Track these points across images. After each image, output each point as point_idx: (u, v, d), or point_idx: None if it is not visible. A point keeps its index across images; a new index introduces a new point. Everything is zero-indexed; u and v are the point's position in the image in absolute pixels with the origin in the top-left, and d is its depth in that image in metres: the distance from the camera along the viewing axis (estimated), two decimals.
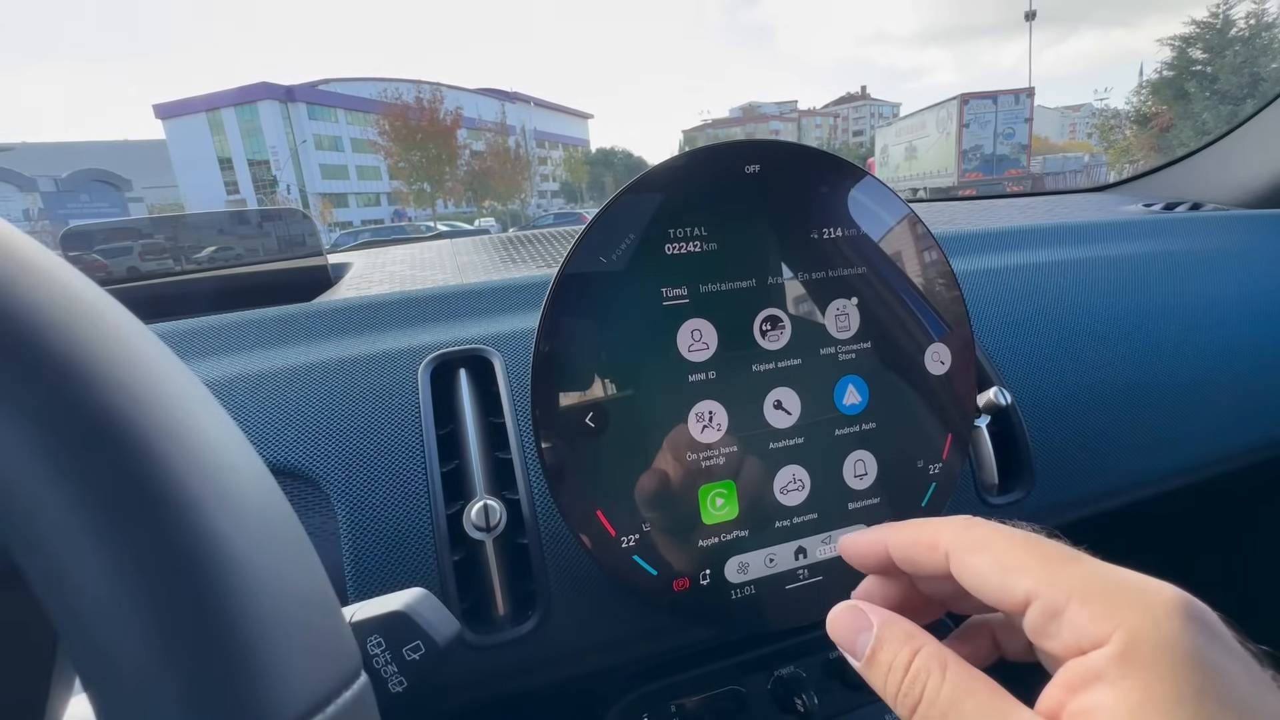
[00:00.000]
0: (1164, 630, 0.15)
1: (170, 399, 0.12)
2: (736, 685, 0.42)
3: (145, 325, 0.14)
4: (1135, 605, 0.16)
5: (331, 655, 0.13)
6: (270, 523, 0.13)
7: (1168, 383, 0.54)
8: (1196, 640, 0.15)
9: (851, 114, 73.10)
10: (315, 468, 0.36)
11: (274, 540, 0.13)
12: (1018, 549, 0.19)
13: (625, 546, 0.34)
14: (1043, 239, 0.62)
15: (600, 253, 0.34)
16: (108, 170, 29.77)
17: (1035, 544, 0.19)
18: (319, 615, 0.13)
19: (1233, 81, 12.15)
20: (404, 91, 26.74)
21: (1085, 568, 0.18)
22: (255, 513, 0.12)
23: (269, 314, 0.46)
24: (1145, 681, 0.15)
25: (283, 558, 0.13)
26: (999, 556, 0.19)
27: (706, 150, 0.36)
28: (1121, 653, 0.16)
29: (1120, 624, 0.16)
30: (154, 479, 0.11)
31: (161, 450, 0.11)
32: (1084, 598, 0.17)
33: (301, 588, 0.13)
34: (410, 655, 0.20)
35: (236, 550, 0.11)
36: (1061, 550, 0.19)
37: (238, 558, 0.11)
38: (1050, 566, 0.18)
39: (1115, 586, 0.17)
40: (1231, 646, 0.16)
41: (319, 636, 0.13)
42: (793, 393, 0.36)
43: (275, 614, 0.12)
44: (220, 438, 0.13)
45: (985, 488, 0.47)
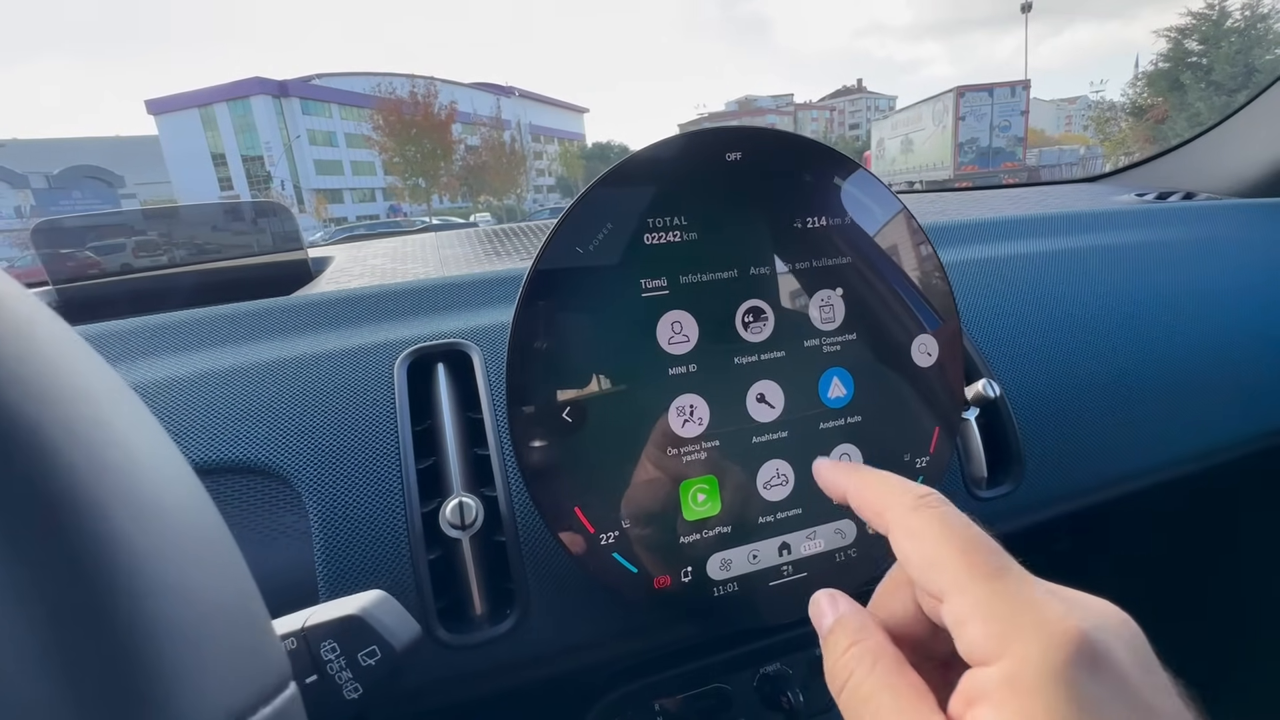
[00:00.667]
0: (1049, 661, 0.16)
1: (73, 394, 0.11)
2: (721, 683, 0.42)
3: (66, 323, 0.13)
4: (1029, 633, 0.17)
5: (251, 668, 0.12)
6: (185, 527, 0.12)
7: (1159, 374, 0.54)
8: (1078, 674, 0.16)
9: (848, 107, 72.95)
10: (286, 465, 0.36)
11: (187, 545, 0.12)
12: (948, 549, 0.20)
13: (605, 544, 0.33)
14: (1033, 229, 0.61)
15: (576, 244, 0.33)
16: (100, 167, 29.54)
17: (968, 548, 0.19)
18: (238, 626, 0.12)
19: (1227, 72, 12.16)
20: (398, 86, 26.57)
21: (1001, 586, 0.18)
22: (166, 516, 0.12)
23: (243, 308, 0.45)
24: (1022, 707, 0.16)
25: (196, 564, 0.12)
26: (928, 550, 0.20)
27: (686, 137, 0.35)
28: (1007, 678, 0.17)
29: (1009, 649, 0.17)
30: (46, 475, 0.10)
31: (56, 445, 0.10)
32: (986, 616, 0.18)
33: (217, 596, 0.12)
34: (366, 661, 0.19)
35: (139, 554, 0.10)
36: (990, 561, 0.19)
37: (139, 563, 0.10)
38: (969, 575, 0.19)
39: (1018, 610, 0.18)
40: (1121, 683, 0.16)
41: (236, 648, 0.12)
42: (776, 386, 0.36)
43: (181, 624, 0.11)
44: (131, 437, 0.12)
45: (973, 481, 0.46)
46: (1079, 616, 0.17)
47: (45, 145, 42.81)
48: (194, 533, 0.12)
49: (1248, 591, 0.71)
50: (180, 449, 0.35)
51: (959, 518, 0.21)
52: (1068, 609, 0.17)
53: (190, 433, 0.36)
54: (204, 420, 0.37)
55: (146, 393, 0.38)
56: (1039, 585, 0.18)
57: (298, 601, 0.34)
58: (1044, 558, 0.58)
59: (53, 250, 0.56)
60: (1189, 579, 0.74)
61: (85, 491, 0.10)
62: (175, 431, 0.36)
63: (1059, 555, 0.62)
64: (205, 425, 0.37)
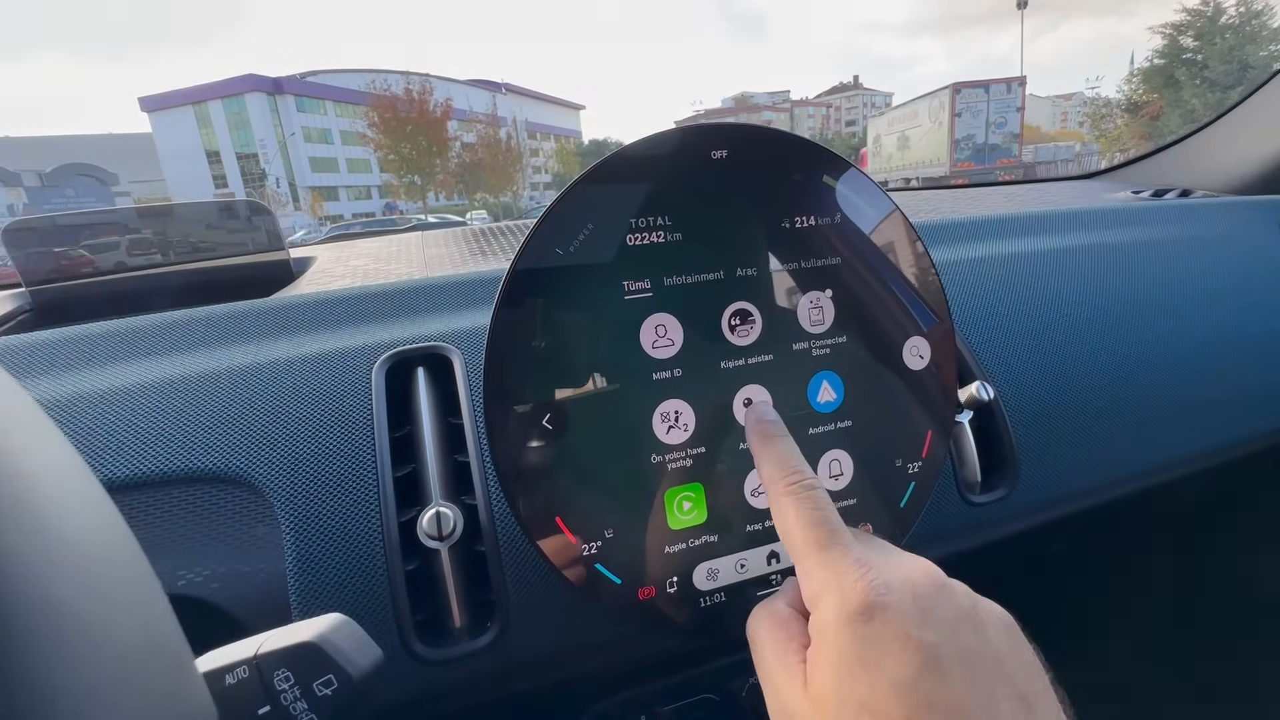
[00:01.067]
0: (838, 612, 0.22)
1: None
2: (710, 693, 0.41)
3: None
4: (832, 592, 0.23)
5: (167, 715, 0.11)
6: (87, 560, 0.11)
7: (1156, 375, 0.53)
8: (855, 622, 0.21)
9: (844, 104, 72.93)
10: (258, 474, 0.34)
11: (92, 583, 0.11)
12: (796, 526, 0.26)
13: (587, 554, 0.32)
14: (1028, 227, 0.60)
15: (556, 244, 0.32)
16: (93, 164, 29.35)
17: (810, 525, 0.25)
18: (151, 669, 0.11)
19: (1221, 69, 12.19)
20: (393, 82, 26.47)
21: (825, 556, 0.24)
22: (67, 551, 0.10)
23: (218, 311, 0.43)
24: (820, 646, 0.22)
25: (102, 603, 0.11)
26: (784, 526, 0.27)
27: (670, 135, 0.34)
28: (816, 624, 0.23)
29: (819, 604, 0.23)
30: None
31: None
32: (810, 579, 0.24)
33: (126, 638, 0.11)
34: (322, 690, 0.18)
35: (31, 596, 0.09)
36: (822, 538, 0.25)
37: (31, 606, 0.09)
38: (805, 548, 0.25)
39: (830, 575, 0.23)
40: (894, 626, 0.21)
41: (149, 694, 0.11)
42: (764, 390, 0.35)
43: (80, 672, 0.10)
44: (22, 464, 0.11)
45: (967, 486, 0.45)
46: (870, 576, 0.22)
47: (38, 142, 42.52)
48: (101, 572, 0.11)
49: (1245, 593, 0.71)
50: (150, 458, 0.34)
51: (812, 500, 0.26)
52: (863, 572, 0.23)
53: (159, 441, 0.35)
54: (173, 428, 0.36)
55: (114, 399, 0.37)
56: (853, 555, 0.24)
57: (269, 616, 0.33)
58: (1038, 561, 0.56)
59: (26, 251, 0.55)
60: (1185, 581, 0.73)
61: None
62: (144, 440, 0.35)
63: (1054, 558, 0.61)
64: (175, 433, 0.35)
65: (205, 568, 0.33)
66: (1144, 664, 0.74)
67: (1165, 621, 0.74)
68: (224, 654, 0.19)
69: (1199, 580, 0.73)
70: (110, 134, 45.26)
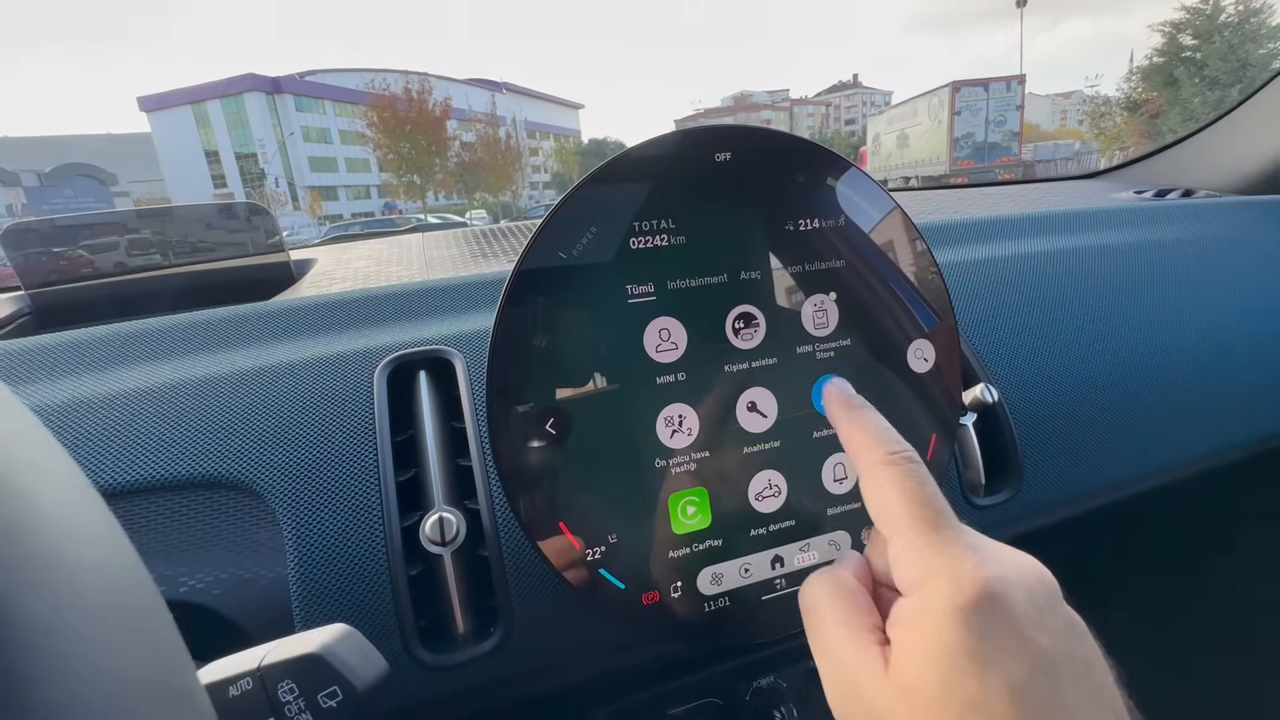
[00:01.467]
0: (953, 599, 0.20)
1: None
2: (714, 697, 0.41)
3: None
4: (943, 575, 0.21)
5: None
6: (86, 580, 0.11)
7: (1160, 376, 0.53)
8: (972, 611, 0.20)
9: (844, 102, 72.87)
10: (258, 479, 0.34)
11: (87, 601, 0.10)
12: (899, 502, 0.23)
13: (591, 559, 0.32)
14: (1031, 228, 0.60)
15: (559, 248, 0.32)
16: (92, 164, 29.30)
17: (916, 503, 0.23)
18: (153, 688, 0.11)
19: (1221, 67, 12.18)
20: (392, 82, 26.43)
21: (934, 538, 0.22)
22: (70, 577, 0.10)
23: (219, 314, 0.43)
24: (925, 632, 0.20)
25: (100, 622, 0.10)
26: (884, 501, 0.24)
27: (673, 137, 0.34)
28: (920, 609, 0.21)
29: (926, 586, 0.21)
30: None
31: None
32: (915, 559, 0.22)
33: (127, 656, 0.11)
34: (326, 702, 0.18)
35: (17, 612, 0.09)
36: (930, 517, 0.23)
37: (18, 622, 0.09)
38: (911, 525, 0.23)
39: (940, 557, 0.21)
40: (1010, 621, 0.20)
41: (151, 713, 0.11)
42: (768, 394, 0.34)
43: (74, 691, 0.09)
44: (21, 481, 0.11)
45: (971, 488, 0.45)
46: (987, 567, 0.21)
47: (37, 142, 42.47)
48: (103, 595, 0.11)
49: (1250, 595, 0.71)
50: (151, 464, 0.34)
51: (918, 475, 0.24)
52: (979, 560, 0.21)
53: (160, 446, 0.35)
54: (174, 433, 0.35)
55: (115, 404, 0.36)
56: (965, 540, 0.22)
57: (271, 622, 0.33)
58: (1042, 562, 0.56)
59: (25, 253, 0.54)
60: (1190, 583, 0.73)
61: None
62: (145, 445, 0.35)
63: (1057, 559, 0.61)
64: (176, 438, 0.35)
65: (207, 574, 0.33)
66: (1149, 665, 0.74)
67: (1170, 623, 0.74)
68: (227, 665, 0.19)
69: (1205, 581, 0.72)
70: (109, 134, 45.23)
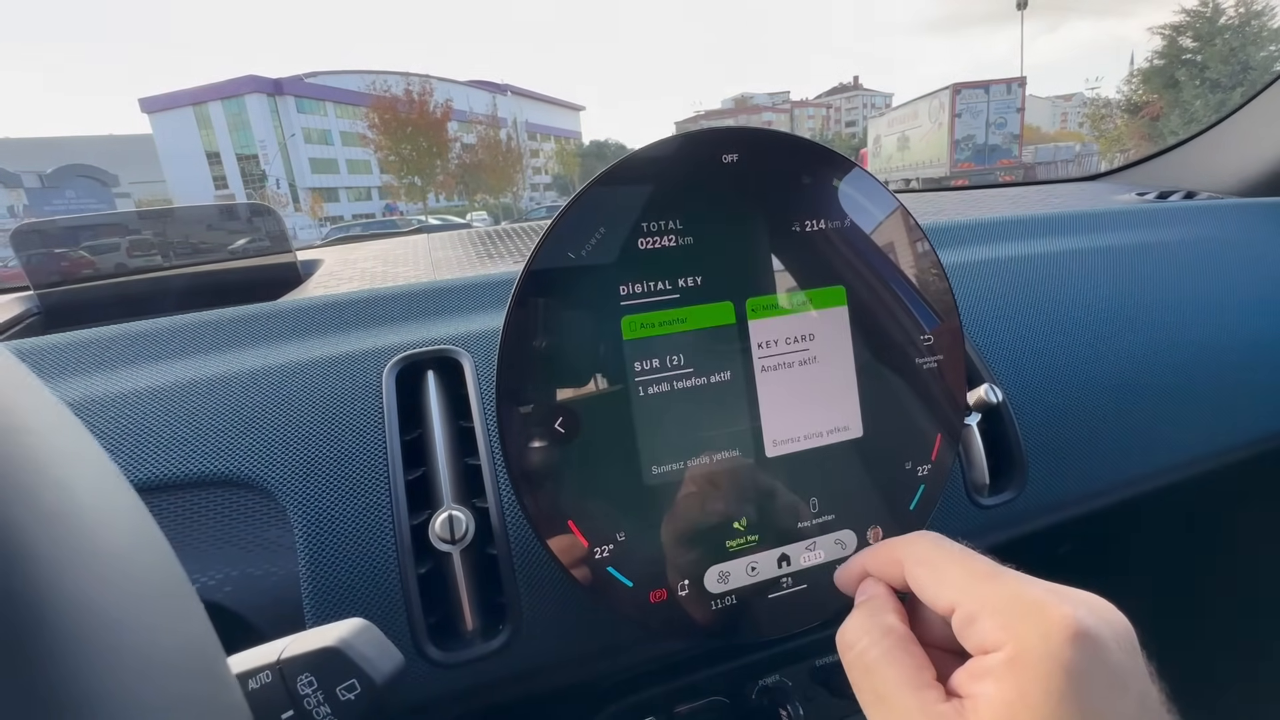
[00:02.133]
0: (1047, 644, 0.19)
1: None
2: (720, 695, 0.41)
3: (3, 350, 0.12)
4: (1031, 621, 0.19)
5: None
6: (126, 568, 0.11)
7: (1163, 377, 0.53)
8: (1071, 655, 0.19)
9: (844, 104, 72.92)
10: (269, 478, 0.34)
11: (131, 594, 0.11)
12: (951, 564, 0.23)
13: (599, 558, 0.32)
14: (1034, 229, 0.60)
15: (568, 248, 0.32)
16: (94, 166, 29.33)
17: (966, 560, 0.23)
18: (190, 678, 0.11)
19: (1222, 70, 12.18)
20: (393, 84, 26.48)
21: (999, 585, 0.21)
22: (108, 562, 0.10)
23: (228, 314, 0.44)
24: (1021, 681, 0.19)
25: (142, 614, 0.11)
26: (935, 570, 0.23)
27: (680, 139, 0.34)
28: (1011, 658, 0.19)
29: (1014, 635, 0.20)
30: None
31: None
32: (993, 610, 0.20)
33: (166, 648, 0.11)
34: (345, 695, 0.18)
35: (73, 607, 0.09)
36: (987, 568, 0.22)
37: (72, 617, 0.09)
38: (972, 581, 0.22)
39: (1019, 603, 0.20)
40: (1107, 664, 0.19)
41: (188, 703, 0.11)
42: (777, 392, 0.35)
43: (122, 682, 0.10)
44: (60, 472, 0.11)
45: (976, 488, 0.45)
46: (1073, 606, 0.19)
47: (38, 144, 42.52)
48: (140, 581, 0.11)
49: (1253, 595, 0.71)
50: (162, 462, 0.34)
51: (950, 541, 0.24)
52: (1061, 600, 0.20)
53: (171, 445, 0.35)
54: (185, 432, 0.36)
55: (127, 403, 0.37)
56: (1034, 583, 0.21)
57: (282, 619, 0.33)
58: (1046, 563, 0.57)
59: (34, 253, 0.55)
60: (1193, 583, 0.73)
61: (15, 539, 0.09)
62: (156, 444, 0.35)
63: (1061, 560, 0.61)
64: (186, 437, 0.35)
65: (218, 571, 0.34)
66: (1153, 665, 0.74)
67: (1174, 622, 0.74)
68: (247, 658, 0.19)
69: (1209, 581, 0.73)
70: (110, 135, 45.27)
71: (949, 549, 0.24)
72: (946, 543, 0.24)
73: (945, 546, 0.24)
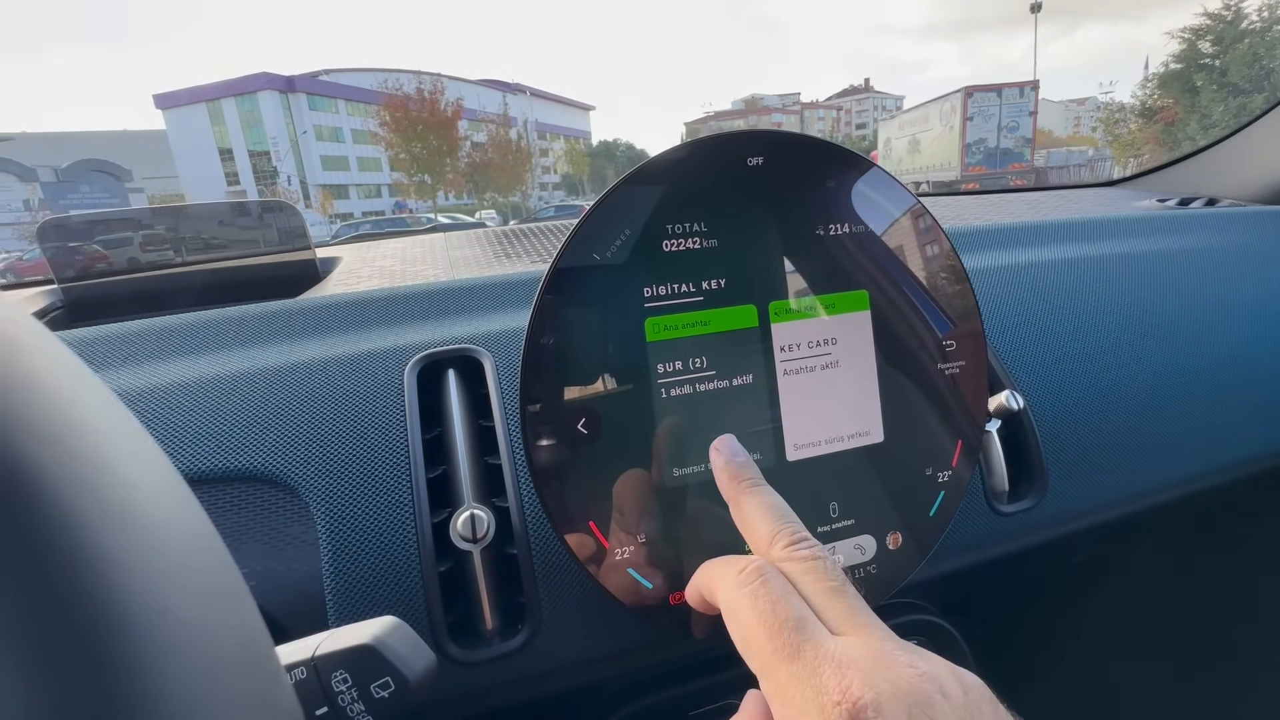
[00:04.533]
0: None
1: (66, 426, 0.10)
2: (734, 699, 0.41)
3: (58, 343, 0.12)
4: (811, 714, 0.18)
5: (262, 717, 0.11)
6: (190, 566, 0.11)
7: (1185, 385, 0.52)
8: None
9: (855, 106, 72.64)
10: (294, 474, 0.35)
11: (192, 588, 0.11)
12: (758, 631, 0.21)
13: (619, 559, 0.32)
14: (1055, 235, 0.60)
15: (594, 249, 0.32)
16: (108, 160, 29.68)
17: (774, 629, 0.20)
18: (246, 674, 0.11)
19: (1243, 75, 12.02)
20: (404, 82, 26.61)
21: (797, 667, 0.19)
22: (171, 557, 0.11)
23: (250, 311, 0.44)
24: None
25: (203, 610, 0.11)
26: (743, 632, 0.21)
27: (708, 141, 0.34)
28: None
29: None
30: (45, 524, 0.09)
31: (52, 486, 0.09)
32: (783, 699, 0.19)
33: (225, 644, 0.11)
34: (379, 693, 0.18)
35: (137, 602, 0.09)
36: (790, 641, 0.20)
37: (137, 612, 0.09)
38: (773, 657, 0.20)
39: (805, 691, 0.19)
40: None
41: (245, 700, 0.11)
42: (801, 398, 0.35)
43: (186, 679, 0.10)
44: (132, 472, 0.11)
45: (995, 495, 0.45)
46: (857, 688, 0.18)
47: (53, 138, 43.01)
48: (202, 581, 0.11)
49: (1274, 607, 0.70)
50: (187, 457, 0.35)
51: (770, 597, 0.21)
52: (846, 684, 0.18)
53: (196, 440, 0.35)
54: (210, 427, 0.36)
55: (152, 397, 0.37)
56: (829, 661, 0.19)
57: (304, 614, 0.33)
58: (1064, 570, 0.56)
59: (59, 247, 0.55)
60: (1212, 595, 0.73)
61: (84, 537, 0.09)
62: (181, 439, 0.35)
63: (1080, 569, 0.61)
64: (211, 432, 0.36)
65: (242, 567, 0.34)
66: (1172, 677, 0.73)
67: (1194, 633, 0.73)
68: (282, 654, 0.19)
69: (1231, 592, 0.72)
70: (125, 130, 45.73)
71: (760, 606, 0.21)
72: (760, 596, 0.21)
73: (757, 602, 0.21)
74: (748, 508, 0.27)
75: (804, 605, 0.21)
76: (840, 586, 0.22)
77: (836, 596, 0.22)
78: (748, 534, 0.26)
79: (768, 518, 0.25)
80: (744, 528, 0.27)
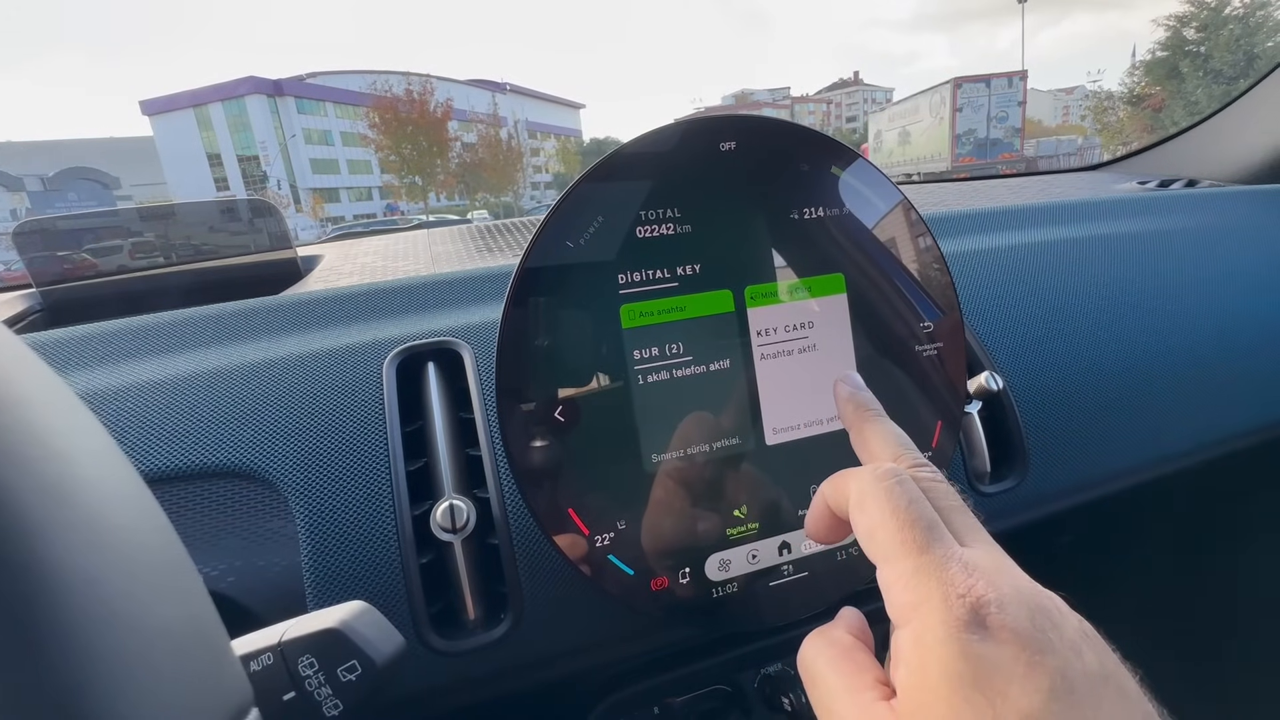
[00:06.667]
0: (945, 624, 0.18)
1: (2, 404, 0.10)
2: (722, 684, 0.41)
3: (7, 331, 0.12)
4: (935, 601, 0.19)
5: (205, 696, 0.11)
6: (129, 547, 0.11)
7: (1165, 364, 0.53)
8: (968, 635, 0.18)
9: (845, 100, 72.68)
10: (271, 469, 0.35)
11: (131, 567, 0.11)
12: (886, 524, 0.21)
13: (600, 546, 0.32)
14: (1035, 218, 0.60)
15: (567, 237, 0.32)
16: (95, 168, 29.45)
17: (904, 524, 0.21)
18: (189, 651, 0.11)
19: (1227, 60, 12.10)
20: (393, 83, 26.48)
21: (924, 560, 0.20)
22: (108, 536, 0.11)
23: (229, 308, 0.44)
24: (922, 663, 0.18)
25: (142, 587, 0.11)
26: (871, 524, 0.22)
27: (678, 126, 0.34)
28: (914, 638, 0.19)
29: (918, 614, 0.19)
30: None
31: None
32: (905, 585, 0.20)
33: (165, 620, 0.11)
34: (346, 676, 0.18)
35: (73, 578, 0.09)
36: (919, 538, 0.21)
37: (73, 587, 0.09)
38: (899, 549, 0.21)
39: (930, 581, 0.19)
40: (1012, 642, 0.18)
41: (188, 675, 0.11)
42: (777, 382, 0.35)
43: (122, 652, 0.10)
44: (71, 451, 0.11)
45: (977, 476, 0.45)
46: (980, 588, 0.19)
47: (40, 147, 42.60)
48: (140, 554, 0.11)
49: (1255, 584, 0.71)
50: (165, 454, 0.34)
51: (906, 495, 0.22)
52: (973, 581, 0.19)
53: (173, 437, 0.35)
54: (187, 424, 0.36)
55: (130, 396, 0.37)
56: (960, 559, 0.20)
57: (285, 609, 0.33)
58: (1047, 552, 0.56)
59: (36, 253, 0.55)
60: (1196, 571, 0.73)
61: (14, 510, 0.09)
62: (159, 436, 0.35)
63: (1063, 549, 0.61)
64: (189, 429, 0.36)
65: (221, 562, 0.34)
66: (1154, 656, 0.74)
67: (1177, 612, 0.74)
68: (248, 641, 0.19)
69: (1213, 570, 0.72)
70: (111, 137, 45.32)
71: (893, 504, 0.22)
72: (896, 492, 0.22)
73: (891, 499, 0.22)
74: (870, 433, 0.27)
75: (934, 511, 0.22)
76: (963, 506, 0.23)
77: (961, 514, 0.23)
78: (869, 458, 0.27)
79: (891, 442, 0.26)
80: (865, 452, 0.27)
